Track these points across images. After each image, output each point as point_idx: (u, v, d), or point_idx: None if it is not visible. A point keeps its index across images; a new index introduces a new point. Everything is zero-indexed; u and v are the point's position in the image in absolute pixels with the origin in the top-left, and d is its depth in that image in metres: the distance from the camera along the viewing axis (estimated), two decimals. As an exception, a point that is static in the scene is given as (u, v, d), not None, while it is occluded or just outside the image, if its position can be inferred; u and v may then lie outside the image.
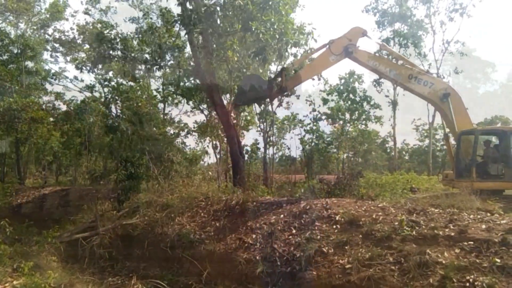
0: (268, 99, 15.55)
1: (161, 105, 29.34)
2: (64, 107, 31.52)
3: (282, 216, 9.18)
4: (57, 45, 26.52)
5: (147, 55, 17.90)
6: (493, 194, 9.19)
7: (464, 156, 11.49)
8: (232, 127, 13.68)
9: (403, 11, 31.21)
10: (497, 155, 11.38)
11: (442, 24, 30.94)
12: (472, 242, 6.18)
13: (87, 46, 19.54)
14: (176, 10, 14.73)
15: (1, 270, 6.41)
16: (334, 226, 8.06)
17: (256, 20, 10.79)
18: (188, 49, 16.84)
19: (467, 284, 5.37)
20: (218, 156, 27.98)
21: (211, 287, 8.10)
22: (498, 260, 5.54)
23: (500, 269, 5.46)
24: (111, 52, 17.98)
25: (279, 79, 12.82)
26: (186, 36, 15.22)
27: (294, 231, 8.40)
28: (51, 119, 30.26)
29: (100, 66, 19.79)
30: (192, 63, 17.09)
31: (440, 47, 31.20)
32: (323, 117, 30.21)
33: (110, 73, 23.12)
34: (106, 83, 24.99)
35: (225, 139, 17.52)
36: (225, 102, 16.84)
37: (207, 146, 28.15)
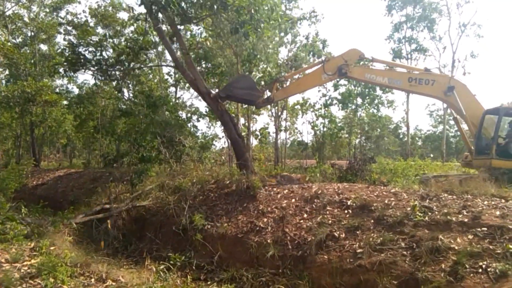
0: (253, 105, 15.58)
1: (172, 89, 29.41)
2: (77, 90, 31.65)
3: (293, 200, 9.21)
4: (70, 28, 26.54)
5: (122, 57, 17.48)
6: None
7: (486, 135, 11.41)
8: (224, 112, 13.32)
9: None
10: None
11: (459, 6, 30.18)
12: (485, 228, 6.13)
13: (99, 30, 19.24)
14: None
15: (19, 249, 6.56)
16: (346, 211, 8.07)
17: None
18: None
19: (480, 270, 5.34)
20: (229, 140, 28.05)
21: (222, 269, 8.18)
22: (512, 247, 5.49)
23: (513, 255, 5.41)
24: (86, 56, 17.41)
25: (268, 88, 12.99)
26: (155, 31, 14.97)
27: (305, 216, 8.42)
28: (65, 102, 30.59)
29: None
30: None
31: (457, 30, 30.45)
32: (334, 102, 29.99)
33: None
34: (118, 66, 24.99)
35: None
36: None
37: (222, 131, 28.13)
